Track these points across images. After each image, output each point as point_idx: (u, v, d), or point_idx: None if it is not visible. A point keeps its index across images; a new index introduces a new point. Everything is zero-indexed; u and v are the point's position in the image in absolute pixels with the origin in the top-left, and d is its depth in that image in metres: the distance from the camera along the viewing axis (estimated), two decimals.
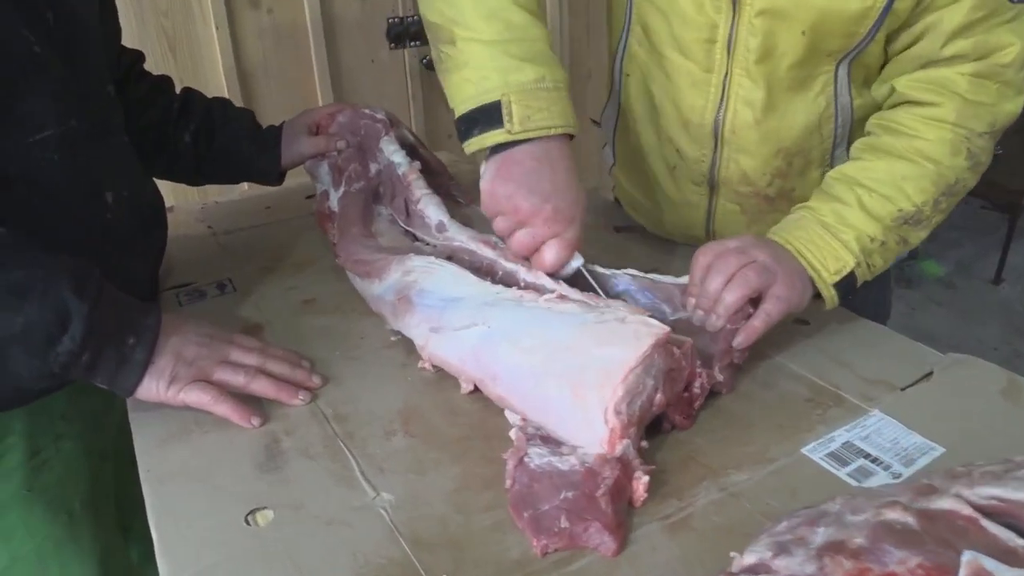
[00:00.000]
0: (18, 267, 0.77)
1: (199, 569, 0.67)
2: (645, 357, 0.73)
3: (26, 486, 0.99)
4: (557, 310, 0.81)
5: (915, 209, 0.94)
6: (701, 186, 1.11)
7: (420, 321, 0.90)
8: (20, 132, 0.84)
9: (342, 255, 1.07)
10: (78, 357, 0.79)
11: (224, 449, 0.82)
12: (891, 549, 0.52)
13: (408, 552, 0.67)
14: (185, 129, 1.19)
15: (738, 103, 1.01)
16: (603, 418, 0.71)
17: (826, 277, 0.92)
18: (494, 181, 0.89)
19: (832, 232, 0.93)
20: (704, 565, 0.65)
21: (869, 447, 0.78)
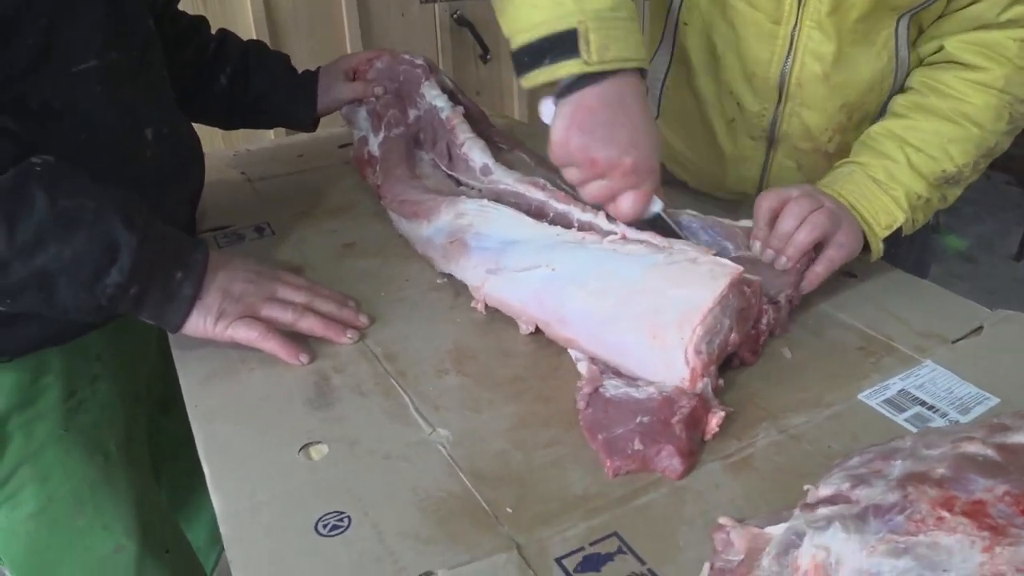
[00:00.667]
0: (67, 197, 0.76)
1: (254, 503, 0.66)
2: (722, 297, 0.72)
3: (63, 426, 0.99)
4: (623, 252, 0.81)
5: (957, 170, 0.95)
6: (759, 141, 1.09)
7: (476, 263, 0.89)
8: (63, 61, 0.82)
9: (387, 195, 1.05)
10: (126, 290, 0.78)
11: (272, 386, 0.81)
12: (976, 478, 0.51)
13: (469, 486, 0.66)
14: (221, 71, 1.17)
15: (807, 56, 0.99)
16: (684, 358, 0.71)
17: (878, 231, 0.93)
18: (568, 131, 0.82)
19: (883, 188, 0.94)
20: (768, 503, 0.64)
21: (925, 395, 0.77)
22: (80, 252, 0.76)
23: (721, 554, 0.57)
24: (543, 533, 0.61)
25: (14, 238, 0.73)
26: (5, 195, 0.73)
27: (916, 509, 0.50)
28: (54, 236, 0.75)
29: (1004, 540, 0.46)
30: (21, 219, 0.73)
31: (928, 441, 0.58)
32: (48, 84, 0.82)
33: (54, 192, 0.75)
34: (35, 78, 0.81)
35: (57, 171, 0.77)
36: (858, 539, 0.49)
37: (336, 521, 0.63)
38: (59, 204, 0.75)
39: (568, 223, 0.90)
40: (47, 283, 0.76)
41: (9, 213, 0.73)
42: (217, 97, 1.18)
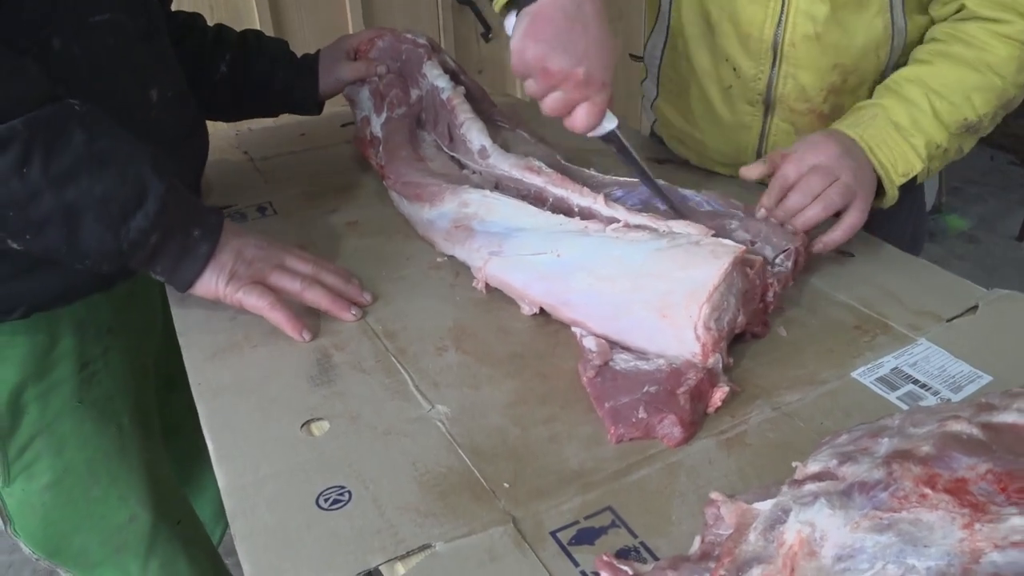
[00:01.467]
0: (103, 138, 0.78)
1: (258, 477, 0.68)
2: (727, 274, 0.74)
3: (77, 398, 1.01)
4: (626, 239, 0.82)
5: (977, 119, 0.96)
6: (756, 106, 1.11)
7: (480, 245, 0.90)
8: (82, 8, 0.85)
9: (391, 176, 1.06)
10: (148, 236, 0.79)
11: (274, 363, 0.82)
12: (959, 456, 0.52)
13: (467, 462, 0.68)
14: (221, 60, 1.18)
15: (799, 16, 1.02)
16: (694, 335, 0.73)
17: (895, 178, 0.95)
18: (524, 40, 0.83)
19: (904, 135, 0.95)
20: (760, 478, 0.65)
21: (918, 373, 0.78)
22: (110, 190, 0.77)
23: (711, 528, 0.58)
24: (539, 507, 0.63)
25: (49, 168, 0.74)
26: (46, 126, 0.74)
27: (900, 486, 0.51)
28: (88, 171, 0.76)
29: (984, 517, 0.47)
30: (58, 150, 0.74)
31: (916, 420, 0.59)
32: (68, 29, 0.84)
33: (92, 130, 0.77)
34: (56, 22, 0.82)
35: (95, 114, 0.79)
36: (843, 515, 0.51)
37: (337, 495, 0.65)
38: (97, 142, 0.77)
39: (567, 207, 0.92)
40: (74, 218, 0.77)
41: (48, 142, 0.74)
42: (218, 86, 1.18)
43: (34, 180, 0.74)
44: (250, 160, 1.33)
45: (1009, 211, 3.70)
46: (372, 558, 0.59)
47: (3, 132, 0.72)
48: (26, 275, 0.90)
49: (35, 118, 0.74)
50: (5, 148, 0.72)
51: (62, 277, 0.92)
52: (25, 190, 0.74)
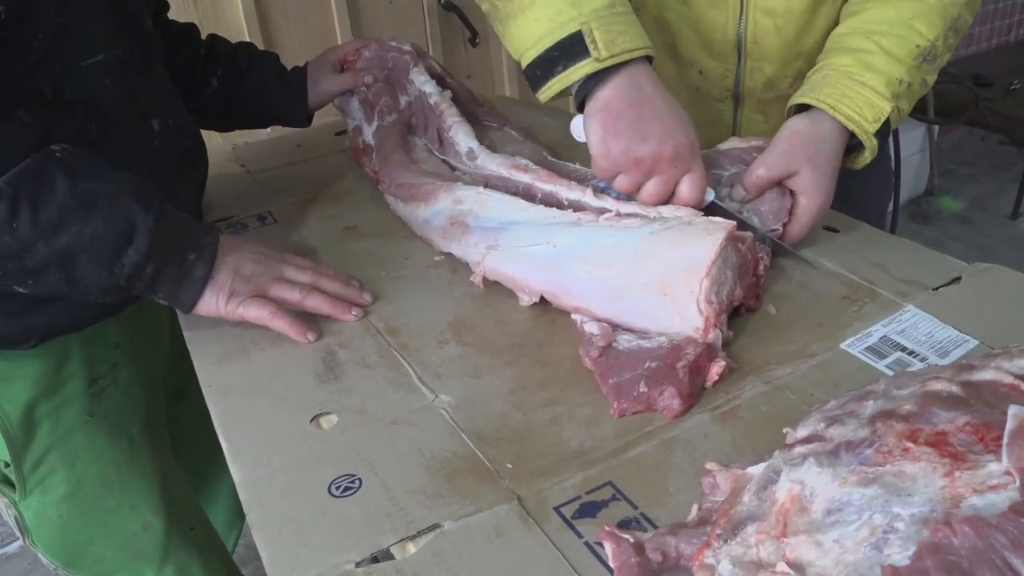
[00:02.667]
0: (87, 180, 0.80)
1: (271, 471, 0.70)
2: (722, 249, 0.77)
3: (88, 411, 1.03)
4: (619, 226, 0.85)
5: (929, 44, 0.94)
6: (725, 102, 1.14)
7: (477, 240, 0.93)
8: (74, 56, 0.87)
9: (386, 180, 1.09)
10: (142, 269, 0.82)
11: (282, 363, 0.85)
12: (939, 411, 0.55)
13: (471, 446, 0.71)
14: (212, 73, 1.21)
15: (757, 13, 1.04)
16: (697, 309, 0.76)
17: (866, 126, 0.92)
18: (605, 141, 0.86)
19: (860, 81, 0.92)
20: (754, 448, 0.68)
21: (905, 340, 0.81)
22: (100, 231, 0.80)
23: (708, 496, 0.61)
24: (542, 485, 0.66)
25: (38, 219, 0.77)
26: (28, 179, 0.77)
27: (884, 442, 0.53)
28: (75, 216, 0.79)
29: (963, 465, 0.50)
30: (44, 201, 0.77)
31: (899, 383, 0.62)
32: (60, 77, 0.86)
33: (74, 175, 0.79)
34: (48, 71, 0.85)
35: (76, 156, 0.81)
36: (831, 472, 0.53)
37: (348, 483, 0.67)
38: (79, 186, 0.79)
39: (557, 201, 0.95)
40: (69, 262, 0.80)
41: (33, 195, 0.77)
42: (210, 99, 1.21)
43: (24, 233, 0.77)
44: (248, 173, 1.35)
45: (1002, 190, 3.73)
46: (384, 539, 0.61)
47: None
48: (38, 308, 0.93)
49: (18, 173, 0.77)
50: None
51: (72, 308, 0.95)
52: (18, 243, 0.77)
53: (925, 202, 3.63)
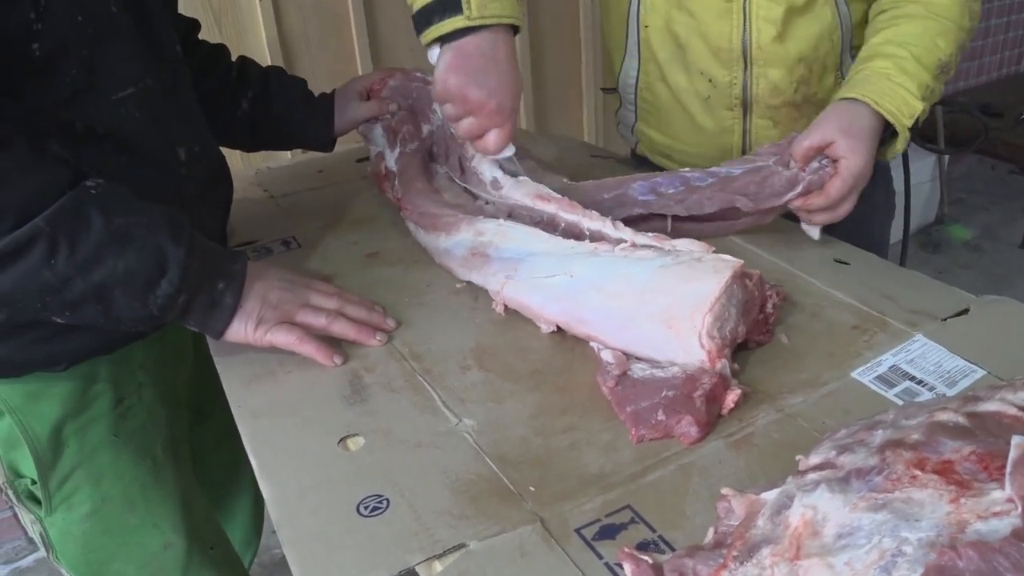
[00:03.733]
0: (120, 215, 0.83)
1: (300, 489, 0.73)
2: (727, 287, 0.80)
3: (113, 431, 1.06)
4: (633, 258, 0.89)
5: (947, 59, 1.06)
6: (735, 110, 1.22)
7: (497, 270, 0.97)
8: (105, 90, 0.90)
9: (408, 208, 1.12)
10: (175, 300, 0.85)
11: (309, 386, 0.88)
12: (946, 441, 0.57)
13: (495, 469, 0.73)
14: (243, 96, 1.24)
15: (760, 22, 1.14)
16: (699, 344, 0.79)
17: (904, 121, 1.03)
18: (447, 72, 0.99)
19: (897, 82, 1.03)
20: (767, 475, 0.70)
21: (914, 370, 0.83)
22: (134, 265, 0.83)
23: (724, 520, 0.63)
24: (563, 507, 0.68)
25: (75, 255, 0.80)
26: (65, 217, 0.80)
27: (892, 470, 0.56)
28: (110, 251, 0.82)
29: (968, 492, 0.52)
30: (81, 238, 0.80)
31: (908, 413, 0.65)
32: (92, 110, 0.89)
33: (108, 212, 0.83)
34: (79, 106, 0.88)
35: (109, 192, 0.84)
36: (842, 498, 0.56)
37: (376, 503, 0.70)
38: (114, 222, 0.83)
39: (578, 231, 0.98)
40: (105, 295, 0.83)
41: (70, 233, 0.80)
42: (240, 121, 1.24)
43: (62, 269, 0.80)
44: (271, 197, 1.39)
45: (1012, 219, 3.75)
46: (411, 557, 0.64)
47: (28, 232, 0.78)
48: (69, 333, 0.96)
49: (55, 212, 0.80)
50: (32, 246, 0.79)
51: (103, 332, 0.98)
52: (56, 279, 0.80)
53: (935, 231, 3.65)
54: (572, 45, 2.49)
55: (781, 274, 1.01)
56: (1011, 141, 3.41)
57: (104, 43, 0.89)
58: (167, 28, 1.05)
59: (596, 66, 2.51)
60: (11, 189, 0.78)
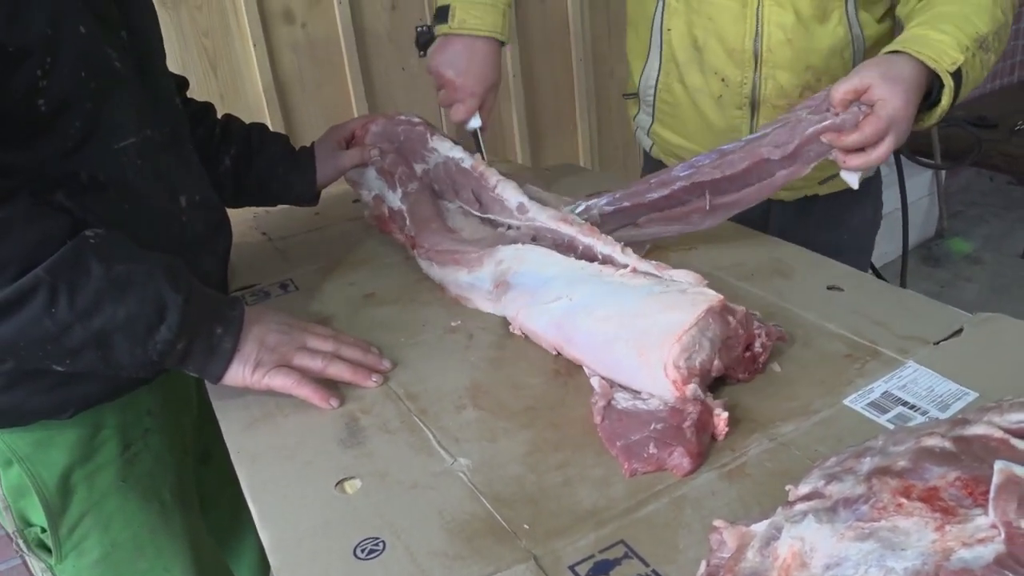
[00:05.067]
0: (120, 263, 0.85)
1: (299, 534, 0.74)
2: (700, 319, 0.81)
3: (121, 477, 1.07)
4: (630, 284, 0.91)
5: (985, 33, 1.07)
6: (743, 109, 1.32)
7: (514, 297, 1.00)
8: (108, 139, 0.92)
9: (424, 246, 1.15)
10: (174, 346, 0.87)
11: (307, 429, 0.89)
12: (931, 467, 0.58)
13: (490, 508, 0.74)
14: (226, 153, 1.26)
15: (771, 27, 1.24)
16: (664, 372, 0.80)
17: (945, 66, 1.03)
18: (433, 54, 1.30)
19: (937, 34, 1.05)
20: (760, 505, 0.71)
21: (906, 395, 0.83)
22: (133, 312, 0.85)
23: (716, 552, 0.64)
24: (557, 544, 0.69)
25: (75, 304, 0.82)
26: (66, 266, 0.82)
27: (879, 498, 0.56)
28: (110, 299, 0.84)
29: (953, 519, 0.53)
30: (81, 286, 0.82)
31: (897, 439, 0.65)
32: (94, 160, 0.91)
33: (108, 260, 0.84)
34: (83, 155, 0.90)
35: (109, 241, 0.86)
36: (829, 528, 0.56)
37: (372, 546, 0.71)
38: (113, 270, 0.84)
39: (592, 254, 1.01)
40: (105, 342, 0.85)
41: (70, 282, 0.82)
42: (222, 177, 1.25)
43: (63, 317, 0.82)
44: (269, 240, 1.40)
45: (1012, 230, 3.75)
46: None
47: (29, 281, 0.80)
48: (75, 381, 0.98)
49: (56, 261, 0.82)
50: (34, 295, 0.80)
51: (108, 379, 0.99)
52: (56, 327, 0.82)
53: (936, 245, 3.66)
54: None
55: (772, 308, 1.02)
56: (1007, 152, 3.42)
57: (107, 96, 0.92)
58: (167, 81, 1.08)
59: (588, 93, 2.54)
60: (13, 241, 0.80)
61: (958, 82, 1.04)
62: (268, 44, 1.95)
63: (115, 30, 0.94)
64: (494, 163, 1.36)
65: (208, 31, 1.88)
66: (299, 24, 1.99)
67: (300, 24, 2.00)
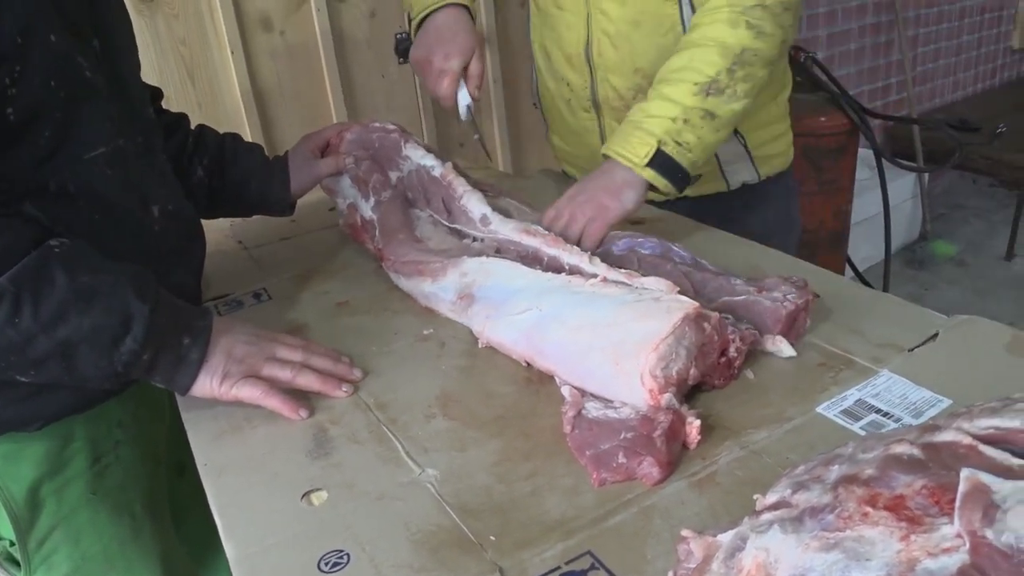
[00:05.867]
0: (85, 273, 0.84)
1: (263, 548, 0.73)
2: (676, 328, 0.81)
3: (91, 489, 1.05)
4: (601, 293, 0.90)
5: (709, 80, 1.12)
6: (590, 112, 1.38)
7: (479, 310, 0.99)
8: (78, 150, 0.91)
9: (391, 258, 1.14)
10: (140, 356, 0.85)
11: (275, 440, 0.88)
12: (898, 475, 0.57)
13: (456, 519, 0.73)
14: (199, 163, 1.24)
15: (599, 34, 1.30)
16: (640, 382, 0.79)
17: (637, 161, 1.12)
18: (416, 45, 1.30)
19: (638, 126, 1.13)
20: (730, 514, 0.70)
21: (880, 403, 0.83)
22: (98, 323, 0.83)
23: (683, 563, 0.63)
24: (523, 556, 0.68)
25: (39, 314, 0.80)
26: (29, 276, 0.81)
27: (845, 507, 0.56)
28: (75, 309, 0.82)
29: (919, 528, 0.52)
30: (45, 296, 0.81)
31: (866, 446, 0.64)
32: (65, 170, 0.90)
33: (73, 270, 0.83)
34: (52, 165, 0.89)
35: (74, 250, 0.85)
36: (795, 539, 0.55)
37: (336, 559, 0.69)
38: (78, 280, 0.83)
39: (558, 265, 1.00)
40: (69, 353, 0.83)
41: (34, 291, 0.80)
42: (196, 188, 1.24)
43: (27, 327, 0.81)
44: (244, 249, 1.39)
45: (995, 232, 3.77)
46: None
47: None
48: (44, 392, 0.96)
49: (19, 271, 0.80)
50: None
51: (77, 391, 0.98)
52: (20, 337, 0.81)
53: (919, 247, 3.67)
54: None
55: None
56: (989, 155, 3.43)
57: (78, 106, 0.90)
58: (140, 90, 1.06)
59: None
60: None
61: (665, 161, 1.12)
62: (246, 51, 1.94)
63: (87, 40, 0.93)
64: (476, 168, 1.36)
65: (185, 39, 1.87)
66: (277, 31, 1.98)
67: (279, 31, 1.99)
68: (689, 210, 1.38)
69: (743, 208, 1.43)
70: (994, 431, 0.59)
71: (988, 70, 4.32)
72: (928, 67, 3.96)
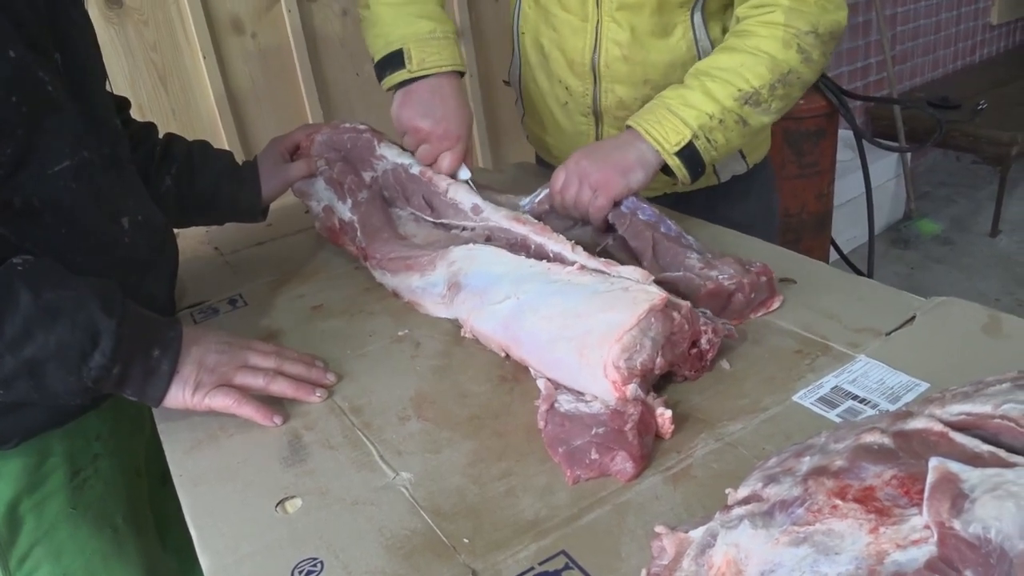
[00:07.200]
0: (49, 290, 0.83)
1: (238, 558, 0.72)
2: (641, 320, 0.80)
3: (71, 504, 1.04)
4: (576, 282, 0.90)
5: (752, 90, 1.12)
6: (588, 117, 1.34)
7: (465, 299, 0.99)
8: (40, 164, 0.89)
9: (376, 256, 1.13)
10: (109, 371, 0.84)
11: (250, 449, 0.87)
12: (868, 466, 0.56)
13: (430, 523, 0.72)
14: (167, 172, 1.22)
15: (608, 43, 1.25)
16: (603, 373, 0.79)
17: (668, 148, 1.11)
18: (400, 108, 1.19)
19: (674, 111, 1.12)
20: (705, 508, 0.69)
21: (857, 389, 0.82)
22: (65, 339, 0.82)
23: (656, 560, 0.62)
24: (496, 558, 0.67)
25: (3, 333, 0.79)
26: None
27: (814, 500, 0.55)
28: (40, 327, 0.81)
29: (888, 520, 0.51)
30: (9, 314, 0.80)
31: (838, 436, 0.64)
32: (28, 185, 0.89)
33: (37, 287, 0.82)
34: (16, 182, 0.88)
35: (37, 267, 0.84)
36: (764, 534, 0.55)
37: (310, 567, 0.69)
38: (43, 297, 0.82)
39: (544, 253, 1.00)
40: (37, 371, 0.82)
41: None
42: (164, 197, 1.21)
43: None
44: (220, 255, 1.38)
45: (979, 209, 3.77)
46: None
47: None
48: (17, 410, 0.95)
49: None
50: None
51: (51, 407, 0.97)
52: None
53: (904, 227, 3.67)
54: None
55: None
56: (970, 132, 3.44)
57: (40, 121, 0.89)
58: (105, 102, 1.05)
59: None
60: None
61: (692, 154, 1.11)
62: (218, 55, 1.92)
63: (48, 54, 0.92)
64: None
65: (156, 45, 1.85)
66: (249, 34, 1.97)
67: (250, 34, 1.97)
68: (673, 203, 1.37)
69: (725, 198, 1.42)
70: (965, 417, 0.59)
71: (967, 47, 4.32)
72: (907, 46, 3.95)
